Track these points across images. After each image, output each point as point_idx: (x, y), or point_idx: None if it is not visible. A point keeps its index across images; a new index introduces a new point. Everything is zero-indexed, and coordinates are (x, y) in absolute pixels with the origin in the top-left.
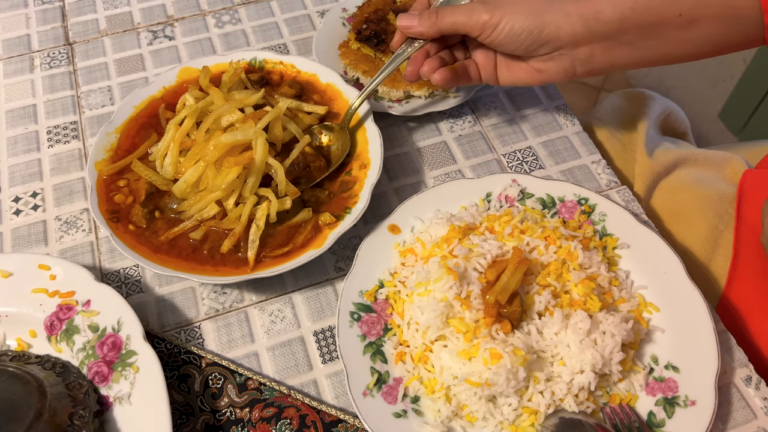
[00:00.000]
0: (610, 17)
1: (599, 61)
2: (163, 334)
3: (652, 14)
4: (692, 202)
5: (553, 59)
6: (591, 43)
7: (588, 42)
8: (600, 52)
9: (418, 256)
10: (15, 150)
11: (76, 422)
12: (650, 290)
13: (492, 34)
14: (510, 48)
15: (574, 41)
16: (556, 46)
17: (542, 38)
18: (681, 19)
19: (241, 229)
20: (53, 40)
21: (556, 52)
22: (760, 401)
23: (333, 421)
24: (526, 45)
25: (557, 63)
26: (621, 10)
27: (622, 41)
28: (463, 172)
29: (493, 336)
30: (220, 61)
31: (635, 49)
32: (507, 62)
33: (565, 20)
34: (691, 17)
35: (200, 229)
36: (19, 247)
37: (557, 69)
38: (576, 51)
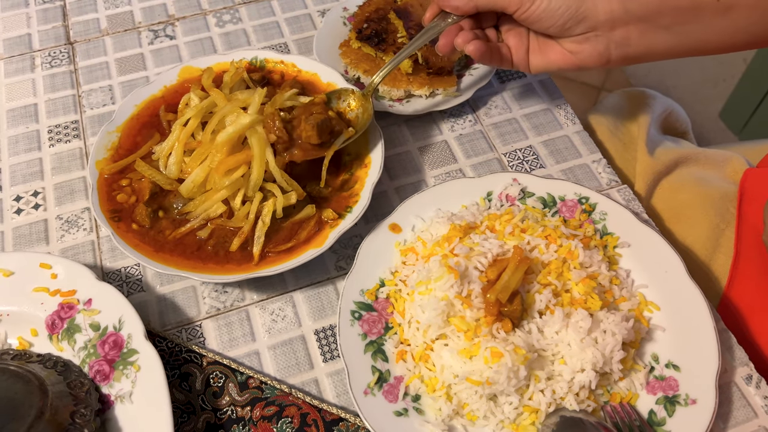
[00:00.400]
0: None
1: (635, 44)
2: (165, 333)
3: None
4: (693, 201)
5: (588, 40)
6: (627, 25)
7: (625, 23)
8: (636, 36)
9: (419, 255)
10: (16, 149)
11: (77, 421)
12: (651, 289)
13: (530, 8)
14: (546, 24)
15: (611, 21)
16: (592, 25)
17: (579, 14)
18: (719, 5)
19: (249, 227)
20: (54, 39)
21: (591, 33)
22: (760, 400)
23: (334, 420)
24: (563, 21)
25: (592, 45)
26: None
27: (659, 24)
28: (463, 171)
29: (494, 335)
30: (221, 60)
31: (672, 35)
32: (540, 44)
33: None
34: (729, 3)
35: (207, 228)
36: (20, 246)
37: (592, 51)
38: (612, 33)
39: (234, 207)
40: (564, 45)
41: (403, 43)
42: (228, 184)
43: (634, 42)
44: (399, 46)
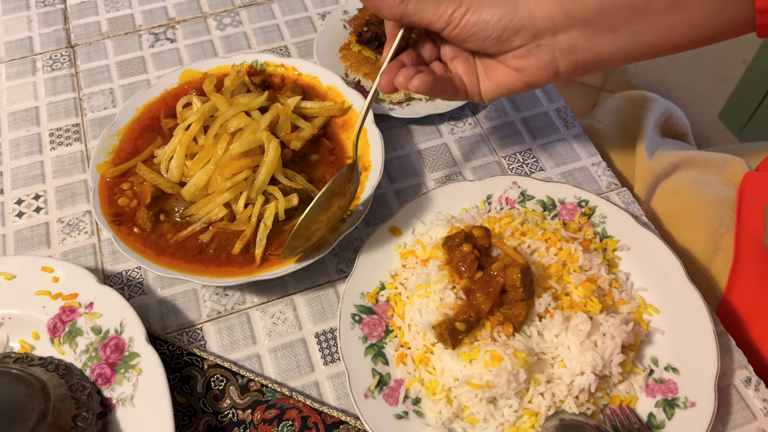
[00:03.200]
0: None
1: (582, 50)
2: (166, 336)
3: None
4: (693, 204)
5: (531, 53)
6: (571, 30)
7: (567, 28)
8: (582, 41)
9: (419, 259)
10: (17, 152)
11: (79, 424)
12: (650, 292)
13: (459, 24)
14: (480, 39)
15: (552, 27)
16: (532, 34)
17: (515, 24)
18: (666, 2)
19: (251, 230)
20: (55, 42)
21: (532, 43)
22: (759, 402)
23: (334, 423)
24: (497, 33)
25: (536, 57)
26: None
27: (604, 26)
28: (463, 174)
29: (494, 338)
30: (222, 63)
31: (621, 37)
32: (485, 67)
33: (538, 4)
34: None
35: (209, 231)
36: (21, 249)
37: (537, 64)
38: (555, 40)
39: (236, 210)
40: (508, 63)
41: None
42: (230, 187)
43: (580, 48)
44: None
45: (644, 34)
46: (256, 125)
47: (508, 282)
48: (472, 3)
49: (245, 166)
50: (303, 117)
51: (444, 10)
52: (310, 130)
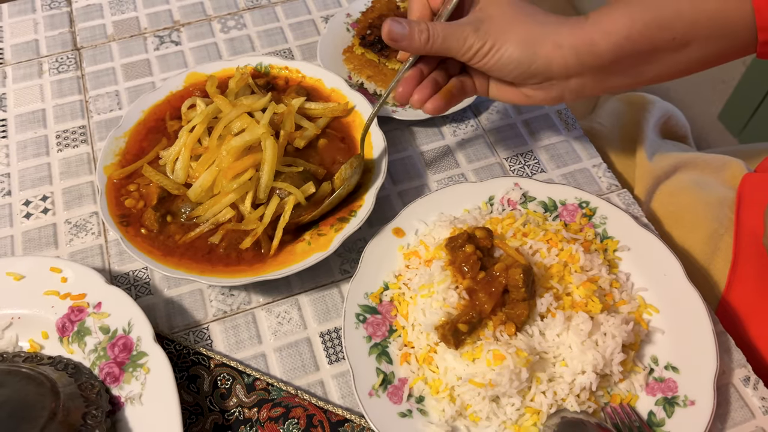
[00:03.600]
0: (604, 49)
1: (590, 89)
2: (173, 336)
3: (646, 41)
4: (692, 205)
5: (542, 88)
6: (582, 76)
7: (579, 75)
8: (591, 83)
9: (422, 259)
10: (25, 154)
11: (89, 422)
12: (650, 292)
13: (481, 61)
14: (499, 75)
15: (566, 74)
16: (547, 77)
17: (532, 71)
18: (674, 43)
19: (262, 228)
20: (61, 45)
21: (546, 83)
22: (758, 401)
23: (339, 421)
24: (515, 75)
25: (546, 92)
26: (615, 40)
27: (615, 71)
28: (466, 176)
29: (497, 338)
30: (227, 66)
31: (627, 77)
32: (499, 83)
33: (556, 53)
34: (685, 40)
35: (218, 233)
36: (29, 250)
37: (546, 96)
38: (567, 82)
39: (243, 211)
40: (519, 88)
41: None
42: (236, 188)
43: (589, 88)
44: None
45: (649, 72)
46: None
47: (510, 282)
48: (496, 42)
49: (248, 165)
50: (307, 118)
51: (469, 47)
52: (314, 130)
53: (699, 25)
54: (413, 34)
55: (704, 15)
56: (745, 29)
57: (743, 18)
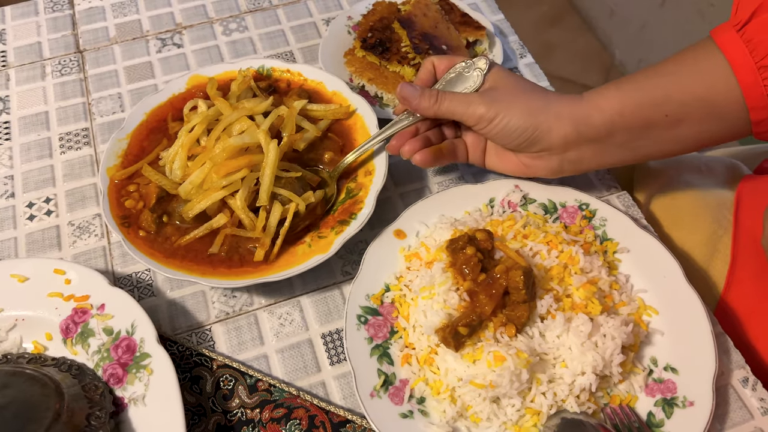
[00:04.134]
0: (599, 122)
1: (588, 162)
2: (175, 337)
3: (639, 118)
4: (691, 207)
5: (542, 158)
6: (581, 146)
7: (578, 144)
8: (589, 155)
9: (423, 261)
10: (28, 156)
11: (93, 423)
12: (650, 294)
13: (487, 126)
14: (502, 142)
15: (565, 144)
16: (547, 147)
17: (534, 137)
18: (667, 120)
19: (269, 239)
20: (64, 47)
21: (545, 152)
22: (756, 402)
23: (341, 422)
24: (518, 142)
25: (546, 162)
26: (609, 116)
27: (610, 144)
28: (466, 178)
29: (497, 339)
30: (229, 68)
31: (624, 150)
32: (497, 150)
33: (556, 123)
34: (678, 118)
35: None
36: (33, 251)
37: (545, 166)
38: (566, 153)
39: (235, 208)
40: (519, 157)
41: (407, 53)
42: (226, 185)
43: (587, 159)
44: (403, 54)
45: (645, 147)
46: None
47: (510, 284)
48: (500, 110)
49: (242, 165)
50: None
51: (473, 112)
52: (314, 132)
53: (689, 106)
54: (423, 96)
55: (693, 98)
56: (736, 111)
57: (733, 100)
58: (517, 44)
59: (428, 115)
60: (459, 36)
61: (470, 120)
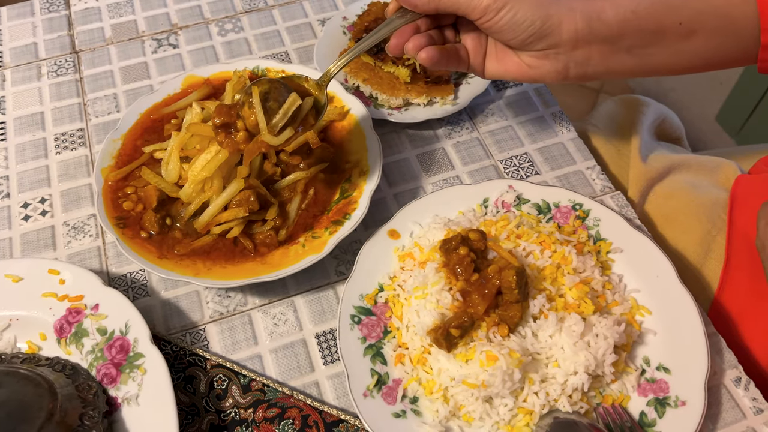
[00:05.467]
0: (612, 18)
1: (595, 64)
2: (169, 337)
3: (653, 20)
4: (685, 207)
5: (548, 57)
6: (590, 45)
7: (587, 43)
8: (597, 56)
9: (416, 261)
10: (23, 156)
11: (86, 422)
12: (643, 293)
13: (493, 18)
14: (508, 36)
15: (574, 40)
16: (554, 43)
17: (543, 30)
18: (681, 29)
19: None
20: (60, 48)
21: (552, 50)
22: (749, 401)
23: (334, 421)
24: (525, 36)
25: (551, 62)
26: (623, 12)
27: (621, 46)
28: (460, 178)
29: (490, 339)
30: (224, 69)
31: (633, 57)
32: (498, 51)
33: (568, 15)
34: (691, 27)
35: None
36: (28, 251)
37: (550, 68)
38: (573, 52)
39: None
40: (522, 57)
41: None
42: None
43: (594, 62)
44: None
45: (655, 56)
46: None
47: (503, 284)
48: (507, 2)
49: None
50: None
51: (479, 2)
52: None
53: (705, 14)
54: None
55: (710, 6)
56: (749, 28)
57: (748, 17)
58: None
59: (427, 11)
60: None
61: (475, 12)
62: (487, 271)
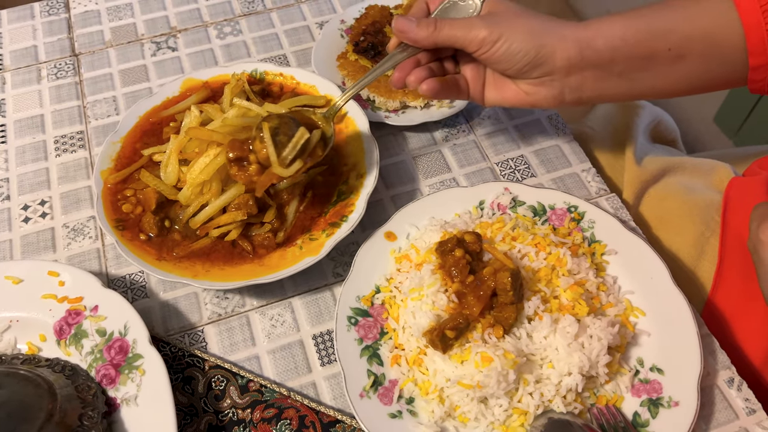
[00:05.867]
0: (602, 46)
1: (589, 89)
2: (168, 338)
3: (642, 47)
4: (679, 209)
5: (543, 84)
6: (583, 71)
7: (580, 69)
8: (591, 82)
9: (413, 263)
10: (23, 159)
11: (85, 423)
12: (637, 295)
13: (489, 50)
14: (504, 66)
15: (567, 67)
16: (549, 70)
17: (537, 60)
18: (670, 54)
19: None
20: (59, 51)
21: (547, 77)
22: (741, 402)
23: (331, 422)
24: (521, 65)
25: (547, 88)
26: (612, 39)
27: (612, 72)
28: (457, 181)
29: (485, 340)
30: (223, 72)
31: (625, 81)
32: (496, 80)
33: (561, 44)
34: (680, 53)
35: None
36: (28, 253)
37: (546, 94)
38: (567, 78)
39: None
40: (520, 85)
41: None
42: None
43: (588, 87)
44: None
45: (646, 80)
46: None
47: (498, 286)
48: (503, 32)
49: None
50: None
51: (475, 35)
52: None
53: (693, 40)
54: (420, 25)
55: (698, 31)
56: (737, 52)
57: (735, 40)
58: None
59: (427, 45)
60: None
61: (472, 45)
62: (482, 273)
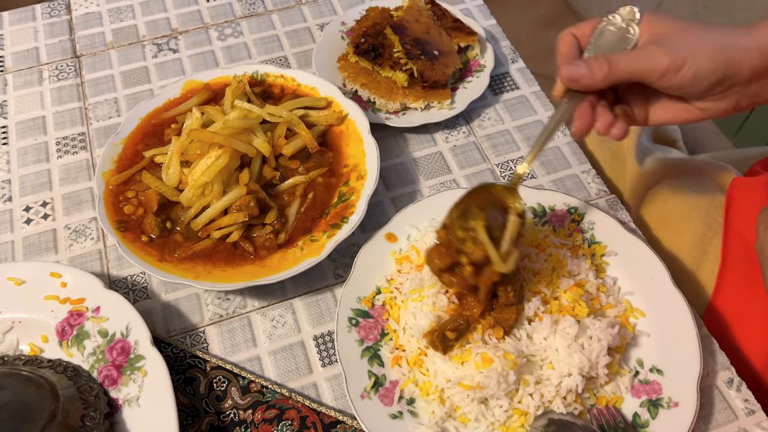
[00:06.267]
0: None
1: (765, 94)
2: (170, 339)
3: None
4: (681, 210)
5: (723, 98)
6: (764, 78)
7: (762, 77)
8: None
9: (413, 264)
10: (25, 160)
11: (87, 423)
12: (637, 296)
13: (674, 78)
14: (687, 91)
15: (750, 77)
16: (733, 84)
17: (725, 76)
18: None
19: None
20: (61, 53)
21: (728, 90)
22: (741, 402)
23: (332, 422)
24: (706, 85)
25: (727, 101)
26: None
27: None
28: (457, 182)
29: (485, 341)
30: (224, 74)
31: None
32: (664, 103)
33: (744, 56)
34: None
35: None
36: (30, 255)
37: (725, 107)
38: (748, 88)
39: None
40: (693, 103)
41: (399, 58)
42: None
43: (764, 92)
44: (395, 60)
45: None
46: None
47: (498, 287)
48: (687, 56)
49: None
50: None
51: (657, 65)
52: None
53: None
54: (593, 68)
55: None
56: None
57: None
58: (509, 49)
59: (604, 86)
60: (451, 41)
61: (653, 75)
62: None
